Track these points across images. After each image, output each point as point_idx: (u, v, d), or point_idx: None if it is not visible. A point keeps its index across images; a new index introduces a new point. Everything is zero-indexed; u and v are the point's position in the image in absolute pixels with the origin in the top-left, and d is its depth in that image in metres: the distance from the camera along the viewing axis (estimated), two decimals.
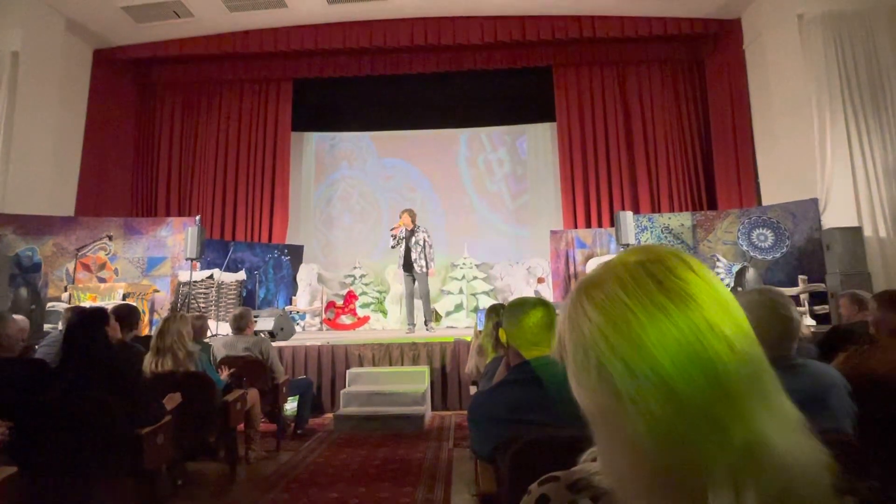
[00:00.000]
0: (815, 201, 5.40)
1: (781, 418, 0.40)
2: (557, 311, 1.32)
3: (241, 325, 3.52)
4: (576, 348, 0.45)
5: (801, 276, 5.13)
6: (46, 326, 4.93)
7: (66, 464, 1.61)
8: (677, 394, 0.39)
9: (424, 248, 5.25)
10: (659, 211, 6.96)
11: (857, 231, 4.95)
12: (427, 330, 5.52)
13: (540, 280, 6.85)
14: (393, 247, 5.36)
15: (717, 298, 0.43)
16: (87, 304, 4.57)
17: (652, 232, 6.14)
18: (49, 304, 5.23)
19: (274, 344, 4.05)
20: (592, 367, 0.44)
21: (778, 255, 5.38)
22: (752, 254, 5.41)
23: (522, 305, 1.28)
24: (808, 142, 5.40)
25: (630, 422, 0.41)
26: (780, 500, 0.38)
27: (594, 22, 6.65)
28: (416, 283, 5.40)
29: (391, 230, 5.36)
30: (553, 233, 6.63)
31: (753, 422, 0.39)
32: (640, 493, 0.41)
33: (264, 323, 4.89)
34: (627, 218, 5.53)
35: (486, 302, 6.80)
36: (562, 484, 0.48)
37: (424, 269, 5.25)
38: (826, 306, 4.91)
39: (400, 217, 5.38)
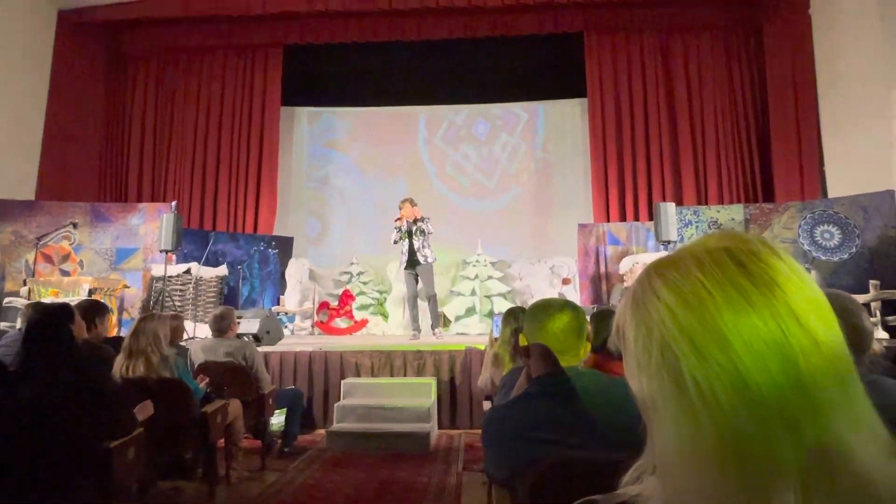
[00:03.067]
0: (890, 193, 5.30)
1: (866, 429, 0.41)
2: (588, 316, 1.37)
3: (222, 326, 3.56)
4: (638, 327, 0.47)
5: (872, 282, 5.04)
6: (3, 325, 5.03)
7: (26, 480, 1.64)
8: (749, 385, 0.40)
9: (426, 237, 5.32)
10: (706, 203, 6.90)
11: None
12: (434, 336, 5.56)
13: (565, 281, 6.85)
14: (396, 241, 5.40)
15: (804, 290, 0.44)
16: (48, 299, 4.65)
17: (698, 227, 6.10)
18: (6, 300, 5.33)
19: (259, 349, 4.11)
20: (655, 346, 0.45)
21: (846, 255, 5.29)
22: (815, 254, 5.33)
23: (547, 308, 1.29)
24: (885, 124, 5.30)
25: (692, 412, 0.41)
26: None
27: None
28: (421, 281, 5.44)
29: (395, 221, 5.41)
30: (581, 227, 6.59)
31: (832, 426, 0.40)
32: (694, 501, 0.41)
33: (248, 325, 4.96)
34: (669, 210, 5.50)
35: (502, 305, 6.82)
36: None
37: (430, 260, 5.32)
38: None
39: (400, 208, 5.40)
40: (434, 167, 7.95)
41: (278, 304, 6.87)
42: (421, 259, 5.32)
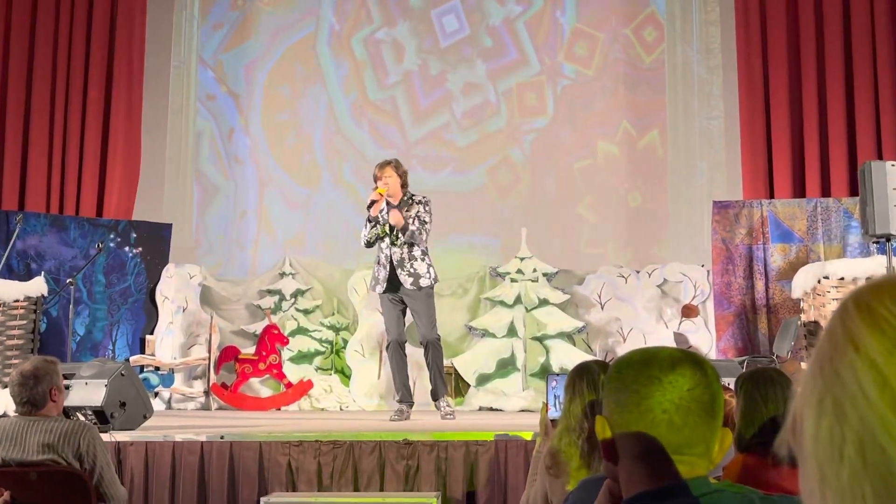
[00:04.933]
0: None
1: None
2: (725, 381, 1.42)
3: (35, 395, 3.53)
4: (821, 405, 0.48)
5: None
6: None
7: None
8: None
9: (422, 235, 5.46)
10: None
11: None
12: (438, 413, 5.61)
13: (688, 311, 6.88)
14: (370, 243, 5.51)
15: None
16: None
17: None
18: None
19: (106, 437, 4.14)
20: (851, 439, 0.46)
21: None
22: None
23: (648, 365, 1.30)
24: None
25: None
26: None
27: None
28: (412, 315, 5.56)
29: (369, 206, 5.48)
30: (719, 207, 6.57)
31: None
32: None
33: (86, 391, 4.99)
34: (890, 177, 5.42)
35: (566, 356, 6.77)
36: None
37: (426, 283, 5.48)
38: None
39: (378, 178, 5.51)
40: (437, 94, 8.02)
41: (143, 351, 6.86)
42: (407, 278, 5.42)
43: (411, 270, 5.40)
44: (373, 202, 5.43)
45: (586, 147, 7.96)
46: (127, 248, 7.07)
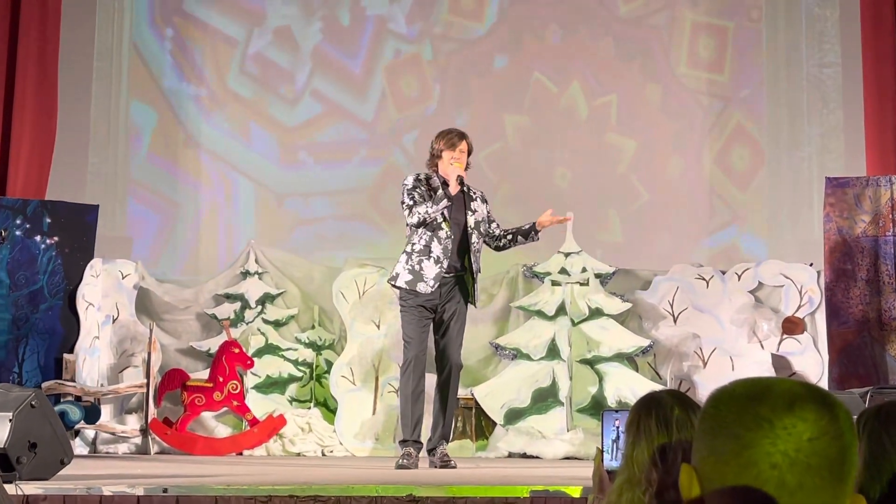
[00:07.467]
0: None
1: None
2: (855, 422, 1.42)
3: None
4: None
5: None
6: None
7: None
8: None
9: (481, 241, 5.95)
10: None
11: None
12: (434, 459, 5.79)
13: (790, 326, 6.86)
14: (424, 221, 5.71)
15: None
16: None
17: None
18: None
19: (10, 488, 4.22)
20: None
21: None
22: None
23: (755, 402, 1.27)
24: None
25: None
26: None
27: None
28: (446, 330, 5.86)
29: (458, 180, 5.72)
30: (834, 186, 6.61)
31: None
32: None
33: None
34: None
35: (626, 386, 6.90)
36: None
37: (477, 301, 6.08)
38: None
39: (445, 150, 5.81)
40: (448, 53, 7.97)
41: (60, 375, 6.95)
42: (480, 293, 5.95)
43: (477, 283, 5.86)
44: (460, 178, 5.74)
45: None
46: (39, 238, 7.07)
